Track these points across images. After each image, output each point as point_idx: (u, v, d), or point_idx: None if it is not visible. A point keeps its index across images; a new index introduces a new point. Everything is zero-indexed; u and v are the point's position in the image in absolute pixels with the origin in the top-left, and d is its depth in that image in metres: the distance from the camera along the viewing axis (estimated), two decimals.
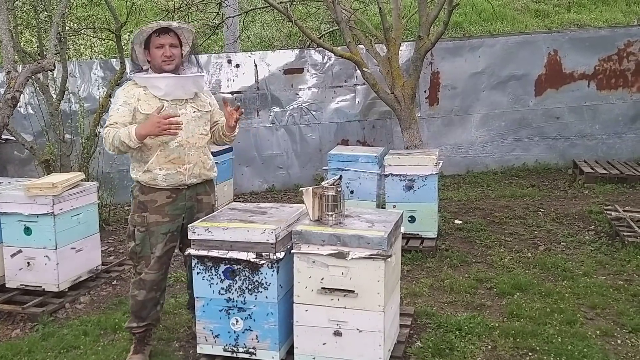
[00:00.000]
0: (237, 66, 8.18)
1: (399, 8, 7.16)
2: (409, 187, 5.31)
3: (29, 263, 4.35)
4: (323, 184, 3.25)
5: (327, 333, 3.11)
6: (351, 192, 5.60)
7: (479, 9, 11.38)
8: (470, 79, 8.30)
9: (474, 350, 3.50)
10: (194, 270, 3.25)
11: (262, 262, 3.10)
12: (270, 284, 3.13)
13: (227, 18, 8.60)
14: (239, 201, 7.17)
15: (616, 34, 8.32)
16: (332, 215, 3.17)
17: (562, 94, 8.31)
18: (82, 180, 4.67)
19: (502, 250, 5.27)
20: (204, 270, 3.22)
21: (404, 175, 5.31)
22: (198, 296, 3.26)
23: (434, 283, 4.58)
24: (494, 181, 7.92)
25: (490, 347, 3.56)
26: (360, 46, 7.32)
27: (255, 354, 3.22)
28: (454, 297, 4.30)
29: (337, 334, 3.09)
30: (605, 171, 7.49)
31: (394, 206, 5.24)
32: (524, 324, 3.81)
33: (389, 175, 5.35)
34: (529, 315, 3.92)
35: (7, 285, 4.43)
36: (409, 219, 5.26)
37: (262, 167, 8.37)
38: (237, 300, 3.19)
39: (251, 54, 8.36)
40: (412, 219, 5.29)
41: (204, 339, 3.29)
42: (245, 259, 3.11)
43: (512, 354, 3.48)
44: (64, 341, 3.81)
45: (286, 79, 8.27)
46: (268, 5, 7.32)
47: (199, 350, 3.33)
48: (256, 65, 8.20)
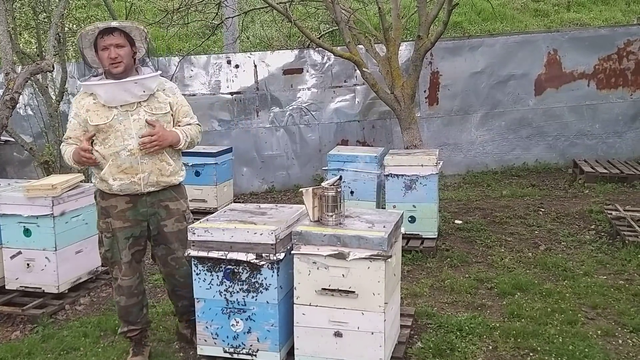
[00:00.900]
0: (236, 67, 8.17)
1: (398, 8, 7.15)
2: (409, 187, 5.31)
3: (28, 264, 4.34)
4: (323, 184, 3.24)
5: (328, 334, 3.10)
6: (351, 193, 5.60)
7: (479, 8, 11.37)
8: (470, 78, 8.29)
9: (474, 351, 3.50)
10: (193, 271, 3.24)
11: (262, 263, 3.09)
12: (270, 284, 3.12)
13: (226, 18, 8.59)
14: (239, 202, 7.17)
15: (616, 33, 8.31)
16: (332, 215, 3.16)
17: (562, 94, 8.30)
18: (81, 182, 4.66)
19: (503, 250, 5.27)
20: (203, 272, 3.21)
21: (404, 176, 5.31)
22: (198, 297, 3.25)
23: (434, 283, 4.57)
24: (494, 181, 7.92)
25: (491, 347, 3.55)
26: (359, 46, 7.32)
27: (255, 355, 3.21)
28: (454, 298, 4.29)
29: (338, 334, 3.09)
30: (605, 170, 7.49)
31: (394, 206, 5.24)
32: (525, 324, 3.81)
33: (388, 175, 5.35)
34: (529, 315, 3.91)
35: (6, 287, 4.43)
36: (409, 219, 5.25)
37: (262, 168, 8.37)
38: (237, 301, 3.19)
39: (250, 54, 8.35)
40: (412, 219, 5.29)
41: (204, 340, 3.28)
42: (245, 260, 3.10)
43: (513, 354, 3.47)
44: (63, 343, 3.80)
45: (286, 79, 8.26)
46: (267, 5, 7.31)
47: (199, 352, 3.32)
48: (255, 66, 8.19)
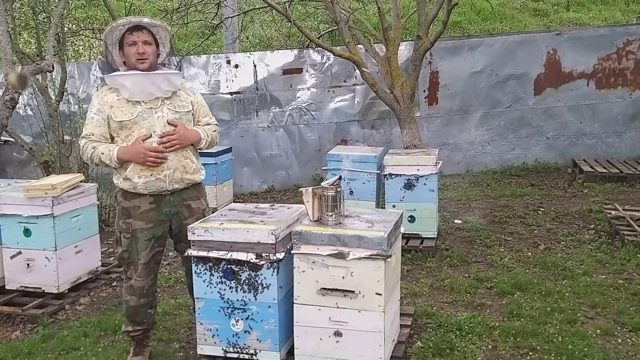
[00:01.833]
0: (236, 66, 8.18)
1: (397, 7, 7.15)
2: (408, 186, 5.31)
3: (28, 264, 4.34)
4: (323, 184, 3.24)
5: (328, 333, 3.10)
6: (350, 192, 5.60)
7: (478, 8, 11.37)
8: (470, 78, 8.29)
9: (474, 350, 3.50)
10: (193, 271, 3.24)
11: (262, 262, 3.10)
12: (270, 284, 3.12)
13: (225, 18, 8.59)
14: (239, 202, 7.18)
15: (615, 32, 8.31)
16: (331, 215, 3.16)
17: (562, 93, 8.31)
18: (81, 182, 4.66)
19: (502, 250, 5.27)
20: (204, 271, 3.21)
21: (404, 175, 5.31)
22: (198, 297, 3.26)
23: (434, 283, 4.58)
24: (493, 181, 7.92)
25: (490, 346, 3.56)
26: (359, 46, 7.32)
27: (255, 354, 3.21)
28: (454, 297, 4.30)
29: (338, 334, 3.09)
30: (604, 170, 7.49)
31: (393, 206, 5.24)
32: (525, 323, 3.81)
33: (388, 175, 5.35)
34: (529, 315, 3.92)
35: (6, 287, 4.43)
36: (409, 218, 5.26)
37: (262, 168, 8.37)
38: (237, 301, 3.19)
39: (250, 54, 8.36)
40: (412, 219, 5.29)
41: (204, 339, 3.28)
42: (245, 259, 3.10)
43: (513, 353, 3.48)
44: (64, 343, 3.80)
45: (285, 79, 8.26)
46: (267, 5, 7.31)
47: (199, 351, 3.32)
48: (255, 66, 8.20)
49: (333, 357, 3.11)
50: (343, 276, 3.03)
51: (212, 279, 3.20)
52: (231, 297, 3.19)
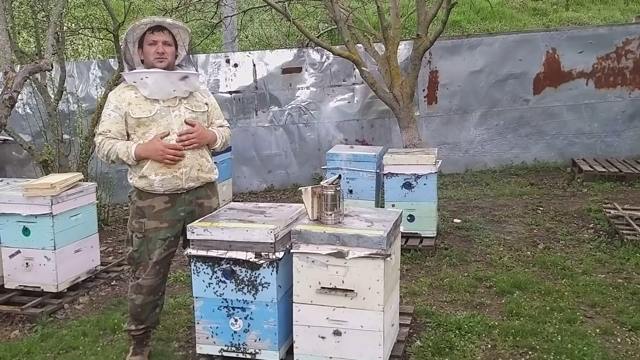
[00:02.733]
0: (235, 66, 8.17)
1: (397, 7, 7.15)
2: (408, 186, 5.31)
3: (27, 263, 4.34)
4: (322, 183, 3.24)
5: (327, 332, 3.10)
6: (350, 192, 5.60)
7: (477, 7, 11.38)
8: (469, 77, 8.30)
9: (473, 349, 3.50)
10: (192, 270, 3.24)
11: (262, 261, 3.09)
12: (269, 283, 3.12)
13: (225, 17, 8.59)
14: (238, 201, 7.17)
15: (614, 32, 8.32)
16: (331, 214, 3.16)
17: (561, 92, 8.31)
18: (80, 181, 4.66)
19: (502, 249, 5.27)
20: (203, 270, 3.21)
21: (403, 174, 5.31)
22: (197, 296, 3.25)
23: (433, 282, 4.58)
24: (492, 180, 7.92)
25: (490, 345, 3.56)
26: (358, 45, 7.32)
27: (254, 353, 3.21)
28: (453, 296, 4.30)
29: (337, 333, 3.09)
30: (604, 169, 7.49)
31: (392, 205, 5.24)
32: (524, 322, 3.81)
33: (387, 174, 5.35)
34: (528, 314, 3.92)
35: (5, 286, 4.42)
36: (408, 218, 5.26)
37: (261, 167, 8.37)
38: (237, 300, 3.19)
39: (249, 53, 8.35)
40: (411, 218, 5.29)
41: (203, 339, 3.28)
42: (245, 258, 3.10)
43: (512, 352, 3.47)
44: (63, 342, 3.80)
45: (284, 78, 8.26)
46: (266, 4, 7.31)
47: (198, 351, 3.32)
48: (254, 65, 8.19)
49: (332, 356, 3.11)
50: (342, 275, 3.03)
51: (211, 278, 3.20)
52: (230, 296, 3.19)
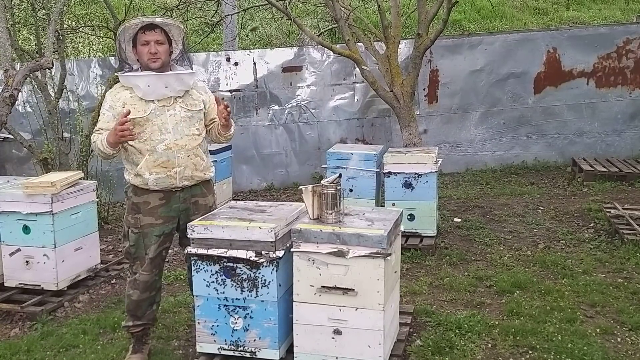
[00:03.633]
0: (235, 64, 8.17)
1: (397, 6, 7.14)
2: (408, 185, 5.31)
3: (27, 262, 4.34)
4: (322, 182, 3.24)
5: (327, 331, 3.10)
6: (350, 191, 5.60)
7: (478, 6, 11.37)
8: (469, 76, 8.29)
9: (473, 349, 3.50)
10: (193, 268, 3.24)
11: (262, 260, 3.09)
12: (269, 282, 3.12)
13: (225, 16, 8.58)
14: (238, 199, 7.17)
15: (615, 31, 8.31)
16: (331, 213, 3.16)
17: (561, 92, 8.31)
18: (80, 179, 4.66)
19: (502, 248, 5.27)
20: (203, 269, 3.21)
21: (403, 174, 5.31)
22: (197, 295, 3.25)
23: (433, 281, 4.57)
24: (493, 179, 7.92)
25: (490, 345, 3.55)
26: (359, 44, 7.31)
27: (254, 352, 3.21)
28: (453, 296, 4.29)
29: (337, 332, 3.09)
30: (604, 169, 7.49)
31: (393, 204, 5.24)
32: (524, 322, 3.81)
33: (388, 173, 5.34)
34: (528, 314, 3.92)
35: (5, 284, 4.42)
36: (408, 217, 5.25)
37: (261, 166, 8.36)
38: (237, 298, 3.19)
39: (250, 52, 8.35)
40: (412, 217, 5.29)
41: (203, 337, 3.28)
42: (245, 257, 3.10)
43: (512, 352, 3.47)
44: (63, 340, 3.80)
45: (285, 77, 8.25)
46: (267, 3, 7.30)
47: (198, 349, 3.32)
48: (255, 63, 8.19)
49: (332, 355, 3.11)
50: (343, 274, 3.03)
51: (211, 276, 3.20)
52: (230, 295, 3.19)
